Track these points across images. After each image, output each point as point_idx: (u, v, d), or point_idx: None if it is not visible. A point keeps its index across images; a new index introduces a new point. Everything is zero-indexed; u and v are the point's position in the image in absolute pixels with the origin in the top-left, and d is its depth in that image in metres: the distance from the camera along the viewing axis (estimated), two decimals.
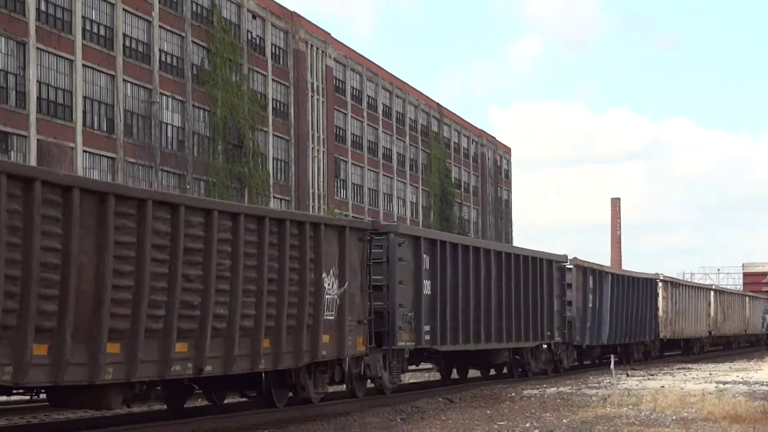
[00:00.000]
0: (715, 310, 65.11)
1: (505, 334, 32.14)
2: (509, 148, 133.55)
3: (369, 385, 26.06)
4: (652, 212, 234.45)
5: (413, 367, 34.92)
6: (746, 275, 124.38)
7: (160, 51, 65.03)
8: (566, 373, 38.71)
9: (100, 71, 59.68)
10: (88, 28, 58.99)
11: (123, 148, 60.99)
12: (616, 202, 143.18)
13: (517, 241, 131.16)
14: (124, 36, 61.78)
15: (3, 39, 53.11)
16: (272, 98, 77.73)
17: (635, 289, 47.46)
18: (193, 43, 68.12)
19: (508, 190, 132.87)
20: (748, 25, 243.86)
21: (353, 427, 19.93)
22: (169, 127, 65.91)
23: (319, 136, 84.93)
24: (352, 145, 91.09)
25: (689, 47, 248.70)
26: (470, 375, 35.67)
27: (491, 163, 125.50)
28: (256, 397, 22.33)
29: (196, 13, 68.78)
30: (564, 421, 20.54)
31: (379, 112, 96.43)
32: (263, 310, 19.58)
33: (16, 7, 54.10)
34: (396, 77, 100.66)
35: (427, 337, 27.35)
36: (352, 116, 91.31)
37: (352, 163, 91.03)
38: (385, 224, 27.65)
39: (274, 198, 76.21)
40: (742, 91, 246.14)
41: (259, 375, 21.38)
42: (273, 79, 77.85)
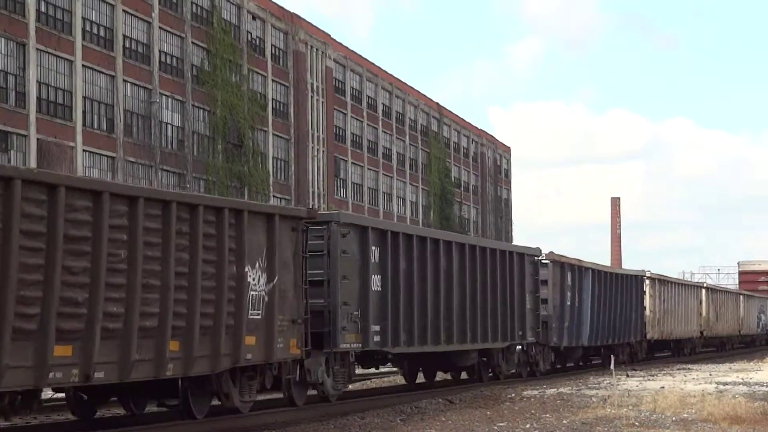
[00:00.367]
0: (707, 309, 62.38)
1: (470, 335, 29.33)
2: (509, 148, 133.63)
3: (312, 392, 23.62)
4: (652, 212, 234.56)
5: (373, 371, 32.79)
6: (742, 274, 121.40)
7: (160, 52, 65.06)
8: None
9: (100, 72, 59.72)
10: (88, 29, 59.03)
11: (123, 148, 61.03)
12: (616, 202, 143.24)
13: (517, 241, 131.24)
14: (124, 37, 61.81)
15: (3, 40, 53.15)
16: (272, 98, 77.78)
17: (620, 287, 44.45)
18: (193, 44, 68.15)
19: (508, 190, 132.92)
20: (748, 25, 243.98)
21: (353, 427, 19.96)
22: (169, 127, 65.95)
23: (318, 136, 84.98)
24: (351, 145, 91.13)
25: (689, 47, 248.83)
26: (440, 378, 33.59)
27: (491, 163, 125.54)
28: (178, 406, 19.99)
29: (196, 14, 68.82)
30: (564, 422, 20.56)
31: (379, 112, 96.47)
32: (169, 307, 17.17)
33: (16, 8, 54.14)
34: (396, 77, 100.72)
35: (376, 339, 24.56)
36: (351, 116, 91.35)
37: (352, 163, 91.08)
38: (324, 212, 24.49)
39: (274, 197, 76.25)
40: (742, 91, 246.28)
41: (179, 382, 19.24)
42: (273, 80, 77.90)
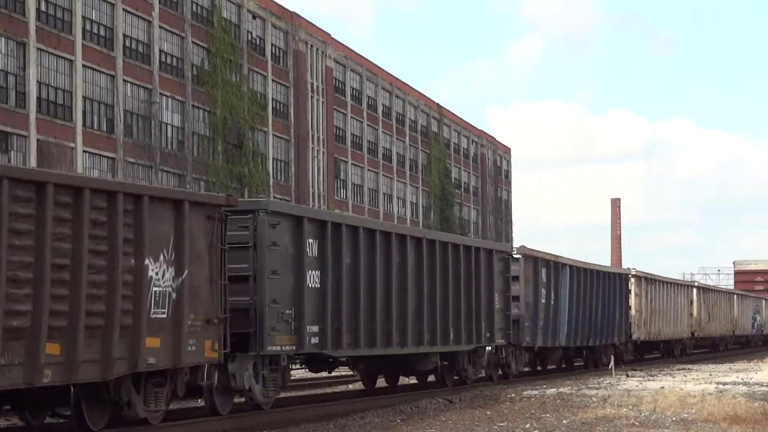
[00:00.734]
0: (699, 309, 60.18)
1: (429, 337, 26.99)
2: (509, 149, 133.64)
3: (240, 400, 21.70)
4: (652, 212, 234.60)
5: (324, 375, 30.67)
6: (737, 273, 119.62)
7: (160, 51, 65.06)
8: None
9: (100, 71, 59.70)
10: (88, 28, 59.01)
11: (123, 148, 61.01)
12: (616, 202, 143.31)
13: (517, 242, 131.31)
14: (124, 36, 61.80)
15: (3, 39, 53.12)
16: (272, 98, 77.77)
17: (602, 285, 42.12)
18: (193, 43, 68.14)
19: (508, 191, 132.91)
20: (748, 25, 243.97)
21: (353, 427, 19.95)
22: (169, 127, 65.94)
23: (319, 137, 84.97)
24: (351, 146, 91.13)
25: (688, 47, 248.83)
26: (404, 382, 31.56)
27: (491, 164, 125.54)
28: (72, 416, 17.81)
29: (197, 14, 68.81)
30: (564, 422, 20.56)
31: (379, 112, 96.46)
32: (44, 304, 15.29)
33: (16, 8, 54.12)
34: (396, 78, 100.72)
35: (314, 340, 22.14)
36: (351, 116, 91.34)
37: (352, 164, 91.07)
38: (251, 200, 22.53)
39: (275, 197, 76.24)
40: (742, 91, 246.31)
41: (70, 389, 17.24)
42: (273, 80, 77.89)
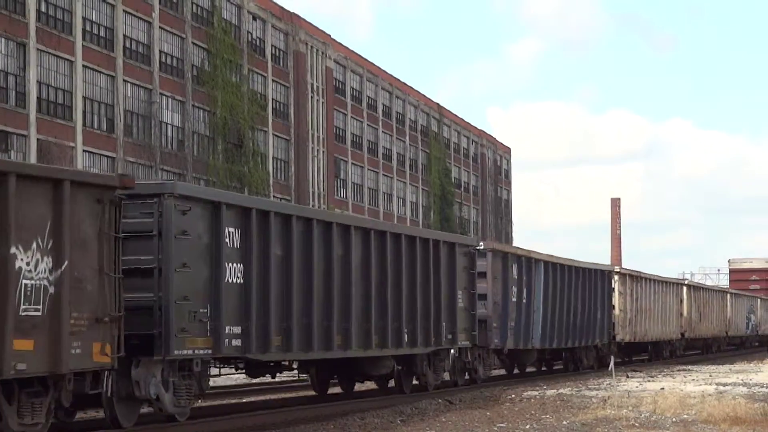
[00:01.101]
0: (689, 309, 57.19)
1: (379, 339, 24.29)
2: (509, 149, 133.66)
3: (148, 410, 19.44)
4: (652, 212, 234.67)
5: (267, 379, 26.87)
6: (732, 272, 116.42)
7: (161, 52, 65.08)
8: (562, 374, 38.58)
9: (100, 72, 59.73)
10: (89, 29, 59.04)
11: (123, 148, 61.04)
12: (616, 202, 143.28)
13: (517, 242, 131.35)
14: (125, 37, 61.83)
15: (3, 40, 53.15)
16: (272, 99, 77.80)
17: (582, 283, 39.51)
18: (194, 44, 68.17)
19: (508, 190, 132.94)
20: (747, 25, 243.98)
21: (353, 427, 19.96)
22: (169, 127, 65.98)
23: (319, 136, 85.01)
24: (352, 145, 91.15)
25: (688, 47, 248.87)
26: (364, 388, 29.12)
27: (491, 163, 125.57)
28: None
29: (197, 15, 68.83)
30: (564, 422, 20.56)
31: (379, 112, 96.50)
32: None
33: (17, 8, 54.14)
34: (396, 78, 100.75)
35: (235, 343, 19.42)
36: (351, 116, 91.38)
37: (352, 163, 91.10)
38: (154, 182, 19.78)
39: (275, 197, 76.25)
40: (741, 91, 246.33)
41: None
42: (273, 80, 77.92)
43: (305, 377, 29.05)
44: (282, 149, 79.28)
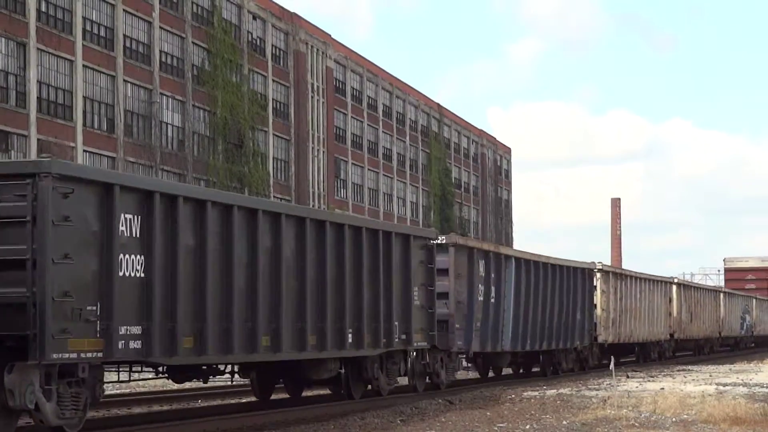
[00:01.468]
0: (679, 309, 54.63)
1: (316, 339, 21.78)
2: (509, 149, 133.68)
3: (27, 422, 17.62)
4: (652, 212, 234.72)
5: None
6: (728, 271, 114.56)
7: (161, 52, 65.10)
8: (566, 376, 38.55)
9: (101, 72, 59.75)
10: (89, 28, 59.06)
11: (123, 148, 61.06)
12: (616, 203, 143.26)
13: (517, 242, 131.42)
14: (125, 37, 61.86)
15: (3, 39, 53.17)
16: (272, 98, 77.82)
17: (560, 281, 36.96)
18: (194, 44, 68.19)
19: (508, 191, 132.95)
20: (747, 25, 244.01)
21: (353, 428, 19.96)
22: (170, 127, 66.00)
23: (319, 136, 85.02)
24: (352, 145, 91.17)
25: (688, 47, 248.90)
26: (314, 393, 27.39)
27: (491, 164, 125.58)
28: None
29: (197, 14, 68.85)
30: (564, 422, 20.55)
31: (379, 112, 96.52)
32: None
33: (17, 8, 54.16)
34: (396, 78, 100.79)
35: (134, 345, 17.09)
36: (352, 116, 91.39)
37: (353, 163, 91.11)
38: (27, 161, 17.45)
39: (275, 197, 76.27)
40: (741, 91, 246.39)
41: None
42: (273, 80, 77.94)
43: (246, 382, 26.50)
44: (282, 149, 79.30)
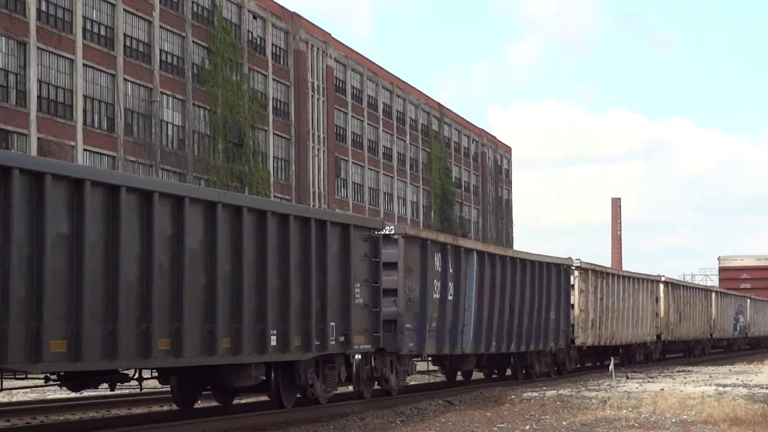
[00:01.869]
0: (667, 309, 51.71)
1: (231, 342, 19.11)
2: (510, 148, 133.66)
3: None
4: (652, 212, 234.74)
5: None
6: (722, 270, 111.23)
7: (161, 51, 65.09)
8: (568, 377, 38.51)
9: (101, 71, 59.74)
10: (89, 27, 59.05)
11: (123, 147, 61.05)
12: (616, 203, 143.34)
13: (517, 242, 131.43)
14: (125, 36, 61.85)
15: (4, 38, 53.15)
16: (273, 98, 77.80)
17: (531, 278, 34.08)
18: (194, 43, 68.17)
19: (509, 190, 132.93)
20: (747, 25, 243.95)
21: (353, 428, 19.96)
22: (170, 126, 65.98)
23: (319, 135, 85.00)
24: (352, 145, 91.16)
25: (688, 47, 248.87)
26: (252, 401, 25.22)
27: (492, 163, 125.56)
28: None
29: (197, 14, 68.83)
30: (564, 423, 20.56)
31: (380, 111, 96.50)
32: None
33: (17, 7, 54.14)
34: (396, 77, 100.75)
35: None
36: (352, 115, 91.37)
37: (353, 163, 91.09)
38: None
39: (275, 196, 76.25)
40: (741, 91, 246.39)
41: None
42: (273, 79, 77.92)
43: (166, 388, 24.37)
44: (282, 148, 79.28)
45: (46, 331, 15.30)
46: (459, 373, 34.14)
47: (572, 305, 38.60)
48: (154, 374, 20.54)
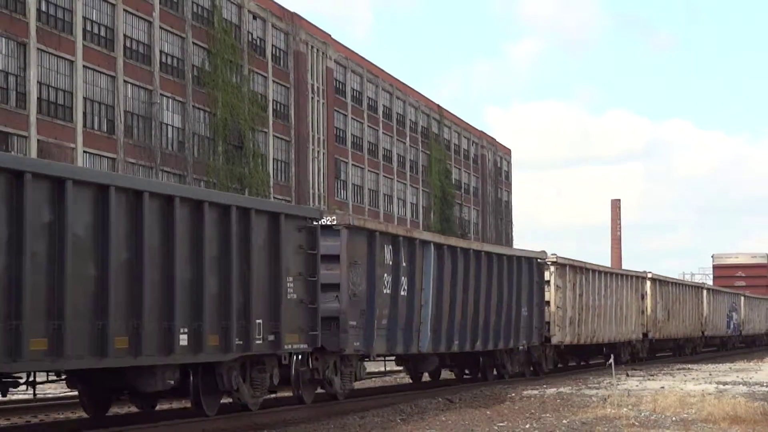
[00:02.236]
0: (654, 306, 50.08)
1: (127, 342, 17.12)
2: (509, 150, 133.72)
3: None
4: (651, 213, 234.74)
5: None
6: (716, 268, 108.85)
7: (161, 52, 65.10)
8: (567, 374, 38.47)
9: (101, 72, 59.74)
10: (89, 28, 59.06)
11: (123, 149, 61.04)
12: (616, 203, 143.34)
13: (517, 243, 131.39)
14: (125, 37, 61.86)
15: (4, 40, 53.16)
16: (272, 99, 77.82)
17: (499, 273, 31.98)
18: (194, 44, 68.19)
19: (509, 192, 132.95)
20: (748, 25, 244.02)
21: (353, 427, 19.96)
22: (170, 128, 65.99)
23: (319, 137, 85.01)
24: (352, 146, 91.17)
25: (688, 48, 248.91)
26: (176, 407, 22.88)
27: (491, 165, 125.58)
28: None
29: (197, 14, 68.85)
30: (564, 421, 20.56)
31: (380, 113, 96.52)
32: None
33: (17, 8, 54.15)
34: (396, 79, 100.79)
35: None
36: (352, 117, 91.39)
37: (353, 164, 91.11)
38: None
39: (275, 198, 76.25)
40: (741, 92, 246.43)
41: None
42: (273, 81, 77.93)
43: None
44: (282, 150, 79.28)
45: None
46: (427, 375, 32.58)
47: (547, 302, 36.68)
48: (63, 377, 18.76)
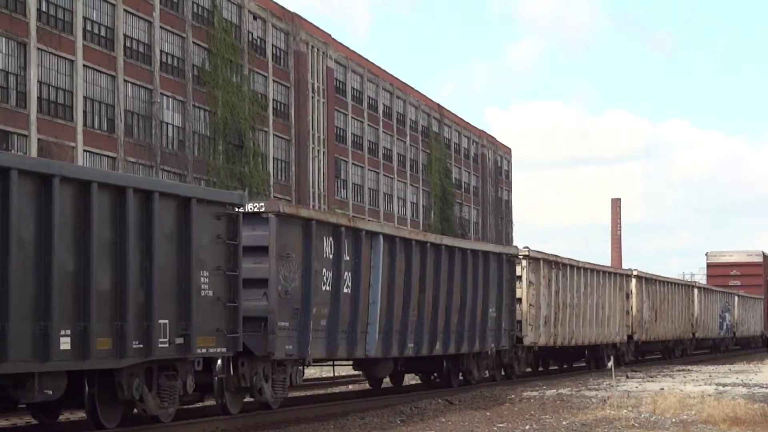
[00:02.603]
0: (639, 306, 47.04)
1: None
2: (509, 149, 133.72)
3: None
4: (651, 213, 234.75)
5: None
6: (710, 267, 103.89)
7: (161, 52, 65.11)
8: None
9: (101, 72, 59.75)
10: (89, 28, 59.06)
11: (123, 148, 61.06)
12: (616, 203, 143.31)
13: (517, 242, 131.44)
14: (125, 36, 61.87)
15: (4, 39, 53.16)
16: (273, 99, 77.83)
17: (462, 269, 28.75)
18: (194, 43, 68.20)
19: (509, 191, 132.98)
20: (747, 26, 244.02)
21: (353, 427, 19.97)
22: (170, 127, 66.00)
23: (319, 137, 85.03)
24: (352, 146, 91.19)
25: (687, 48, 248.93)
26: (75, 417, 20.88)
27: (491, 164, 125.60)
28: None
29: (197, 14, 68.86)
30: (563, 423, 20.57)
31: (380, 112, 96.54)
32: None
33: (17, 8, 54.16)
34: (396, 78, 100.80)
35: None
36: (352, 117, 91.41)
37: (353, 164, 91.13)
38: None
39: (275, 197, 76.26)
40: (740, 92, 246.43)
41: None
42: (274, 80, 77.95)
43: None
44: (282, 149, 79.31)
45: None
46: (389, 380, 30.13)
47: (519, 299, 33.38)
48: None
